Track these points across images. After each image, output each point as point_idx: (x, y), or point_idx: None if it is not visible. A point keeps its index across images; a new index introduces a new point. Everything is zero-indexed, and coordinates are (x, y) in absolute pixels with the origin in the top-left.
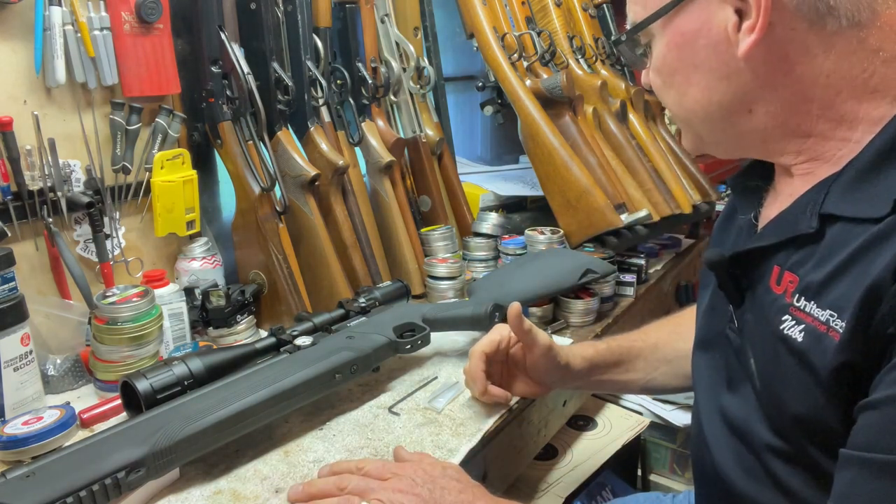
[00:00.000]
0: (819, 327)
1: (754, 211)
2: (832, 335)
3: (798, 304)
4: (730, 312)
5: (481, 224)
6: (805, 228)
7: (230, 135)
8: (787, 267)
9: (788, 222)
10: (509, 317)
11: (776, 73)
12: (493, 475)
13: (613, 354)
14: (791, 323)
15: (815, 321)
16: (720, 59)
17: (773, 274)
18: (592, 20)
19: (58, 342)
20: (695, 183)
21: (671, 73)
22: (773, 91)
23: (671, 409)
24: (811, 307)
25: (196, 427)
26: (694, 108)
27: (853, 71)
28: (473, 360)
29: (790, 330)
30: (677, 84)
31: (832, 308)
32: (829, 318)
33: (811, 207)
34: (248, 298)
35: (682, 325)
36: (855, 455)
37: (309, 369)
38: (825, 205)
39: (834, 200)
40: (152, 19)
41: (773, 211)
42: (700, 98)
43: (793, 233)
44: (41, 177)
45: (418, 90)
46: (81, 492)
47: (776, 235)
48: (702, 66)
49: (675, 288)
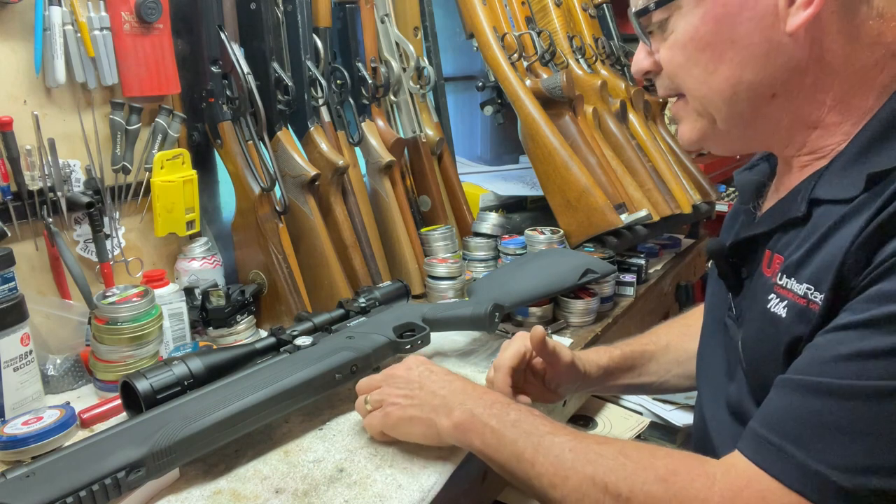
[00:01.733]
0: (799, 301)
1: (754, 202)
2: (812, 307)
3: (781, 282)
4: (729, 301)
5: (481, 224)
6: (794, 213)
7: (230, 135)
8: (776, 250)
9: (781, 210)
10: (533, 341)
11: (810, 57)
12: (493, 475)
13: (627, 360)
14: (776, 300)
15: (794, 296)
16: (763, 34)
17: (766, 258)
18: (592, 20)
19: (58, 342)
20: (695, 183)
21: (702, 47)
22: (801, 77)
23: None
24: (791, 283)
25: (196, 427)
26: (721, 88)
27: (867, 64)
28: (500, 374)
29: (775, 307)
30: (706, 60)
31: (809, 282)
32: (806, 291)
33: (802, 195)
34: (248, 298)
35: (692, 325)
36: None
37: (309, 369)
38: (814, 192)
39: (821, 187)
40: (152, 19)
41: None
42: (730, 76)
43: (783, 218)
44: (41, 177)
45: (418, 90)
46: (81, 492)
47: (770, 223)
48: (740, 42)
49: (675, 288)
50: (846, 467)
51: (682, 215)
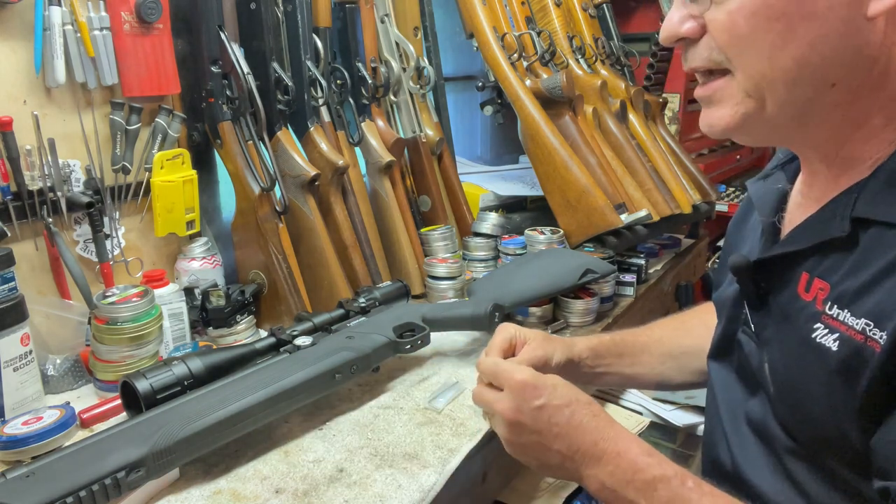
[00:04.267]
0: (855, 336)
1: (777, 215)
2: (871, 345)
3: (830, 311)
4: (744, 315)
5: (481, 224)
6: (836, 233)
7: (230, 135)
8: (816, 273)
9: (817, 227)
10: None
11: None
12: (492, 475)
13: (617, 346)
14: (824, 332)
15: (849, 330)
16: (844, 12)
17: (802, 281)
18: (592, 20)
19: (58, 342)
20: (695, 183)
21: (775, 17)
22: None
23: (671, 409)
24: (845, 315)
25: (196, 427)
26: (787, 66)
27: None
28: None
29: (823, 338)
30: (776, 34)
31: (868, 317)
32: (864, 327)
33: (841, 211)
34: (247, 298)
35: (687, 321)
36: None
37: (309, 369)
38: (856, 209)
39: (866, 204)
40: (152, 19)
41: (799, 216)
42: (799, 55)
43: (822, 237)
44: (41, 177)
45: (418, 90)
46: (81, 492)
47: (805, 241)
48: (818, 17)
49: (675, 288)
50: None
51: (682, 215)
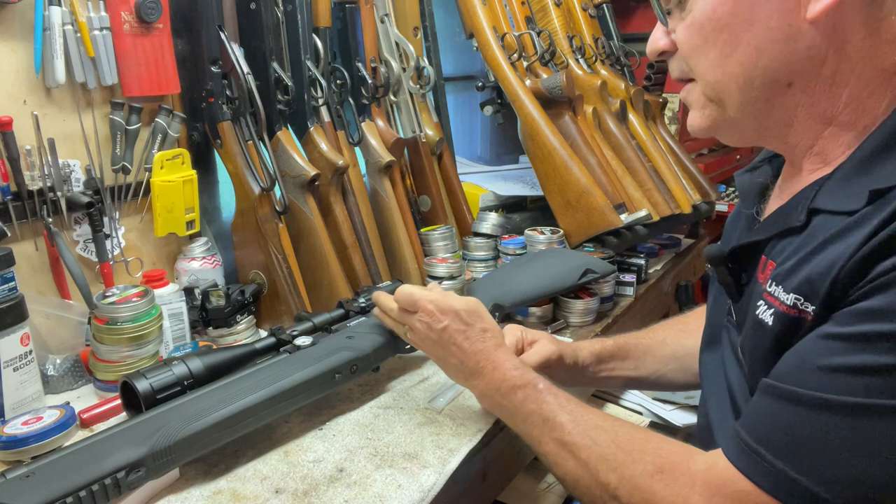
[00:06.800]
0: (786, 311)
1: (756, 206)
2: (804, 317)
3: (769, 289)
4: (728, 305)
5: (481, 224)
6: (794, 223)
7: (230, 135)
8: (770, 256)
9: (782, 217)
10: None
11: (830, 46)
12: (492, 475)
13: (621, 349)
14: (763, 307)
15: (781, 304)
16: (783, 18)
17: (761, 264)
18: (592, 20)
19: (58, 342)
20: (695, 183)
21: (718, 29)
22: (819, 67)
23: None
24: (778, 291)
25: (196, 427)
26: (735, 72)
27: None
28: None
29: (763, 314)
30: (722, 43)
31: (797, 292)
32: (795, 301)
33: (803, 203)
34: (247, 298)
35: (690, 322)
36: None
37: (309, 369)
38: (815, 201)
39: (823, 196)
40: (152, 19)
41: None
42: (745, 61)
43: (783, 227)
44: (41, 177)
45: (418, 90)
46: (81, 492)
47: (770, 230)
48: (758, 25)
49: (675, 288)
50: (822, 479)
51: (682, 215)
